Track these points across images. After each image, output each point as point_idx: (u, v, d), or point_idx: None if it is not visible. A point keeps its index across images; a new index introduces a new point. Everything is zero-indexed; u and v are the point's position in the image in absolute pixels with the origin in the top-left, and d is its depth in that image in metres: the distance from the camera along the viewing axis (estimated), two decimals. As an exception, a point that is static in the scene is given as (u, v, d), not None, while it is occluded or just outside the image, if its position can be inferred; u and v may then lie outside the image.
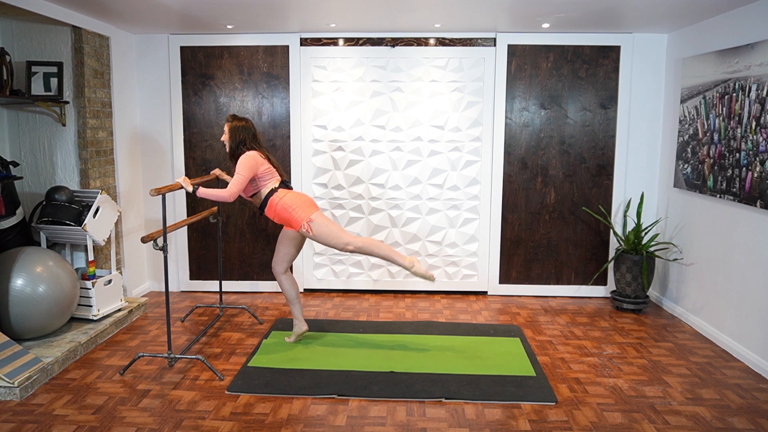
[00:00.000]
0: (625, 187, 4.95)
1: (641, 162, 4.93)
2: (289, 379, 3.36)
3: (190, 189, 3.46)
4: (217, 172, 4.05)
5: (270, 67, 4.93)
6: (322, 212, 3.63)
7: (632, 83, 4.84)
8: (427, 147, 4.95)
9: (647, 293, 4.68)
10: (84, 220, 3.92)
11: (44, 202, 3.99)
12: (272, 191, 3.63)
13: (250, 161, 3.55)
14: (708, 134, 4.14)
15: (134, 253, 4.96)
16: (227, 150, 3.73)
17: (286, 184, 3.71)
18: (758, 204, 3.55)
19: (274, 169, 3.69)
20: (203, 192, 3.45)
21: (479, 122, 4.91)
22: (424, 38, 4.84)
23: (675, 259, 4.60)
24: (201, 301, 4.92)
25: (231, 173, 4.01)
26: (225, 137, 3.71)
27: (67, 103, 4.23)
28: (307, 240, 5.05)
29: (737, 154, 3.77)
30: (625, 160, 4.91)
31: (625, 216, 4.85)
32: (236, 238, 5.13)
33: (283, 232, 3.76)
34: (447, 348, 3.84)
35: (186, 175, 5.04)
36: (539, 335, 4.15)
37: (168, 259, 3.88)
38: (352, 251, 3.56)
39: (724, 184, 3.92)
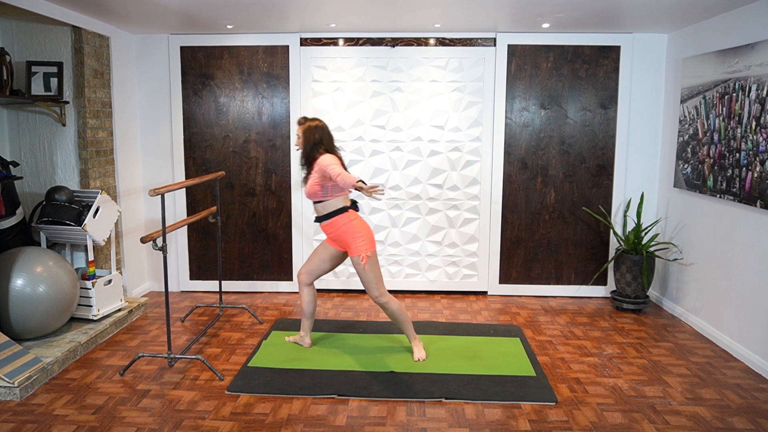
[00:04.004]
0: (625, 187, 4.95)
1: (641, 162, 4.93)
2: (289, 379, 3.36)
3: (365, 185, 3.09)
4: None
5: (270, 67, 4.93)
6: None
7: (632, 83, 4.84)
8: (427, 147, 4.94)
9: (647, 293, 4.68)
10: (84, 220, 3.92)
11: (44, 202, 3.99)
12: (343, 209, 3.45)
13: (334, 160, 3.32)
14: (708, 134, 4.13)
15: (134, 253, 4.96)
16: (302, 153, 3.49)
17: (355, 205, 3.54)
18: (758, 204, 3.55)
19: None
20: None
21: (479, 122, 4.91)
22: (424, 38, 4.84)
23: (675, 259, 4.60)
24: (201, 301, 4.92)
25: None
26: (299, 141, 3.48)
27: (67, 103, 4.23)
28: (310, 239, 5.06)
29: (737, 154, 3.77)
30: (625, 160, 4.91)
31: (625, 216, 4.85)
32: (236, 238, 5.12)
33: (325, 246, 3.63)
34: (447, 348, 3.84)
35: (186, 175, 5.04)
36: (539, 335, 4.15)
37: (168, 259, 3.88)
38: (381, 303, 3.49)
39: (724, 184, 3.92)
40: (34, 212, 4.10)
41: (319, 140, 3.44)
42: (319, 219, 3.53)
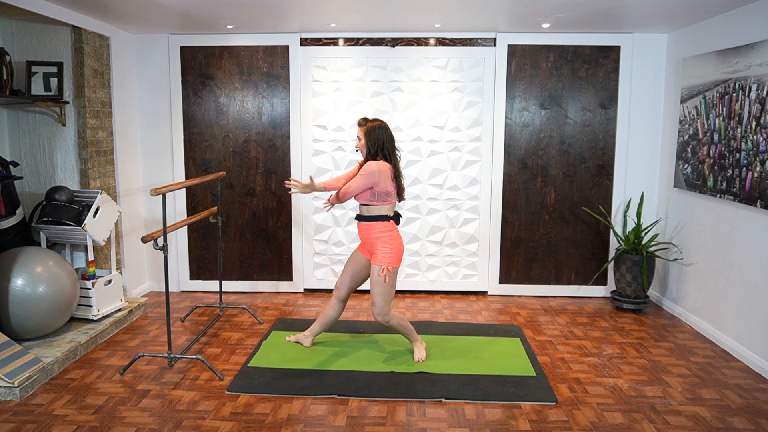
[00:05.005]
0: (625, 187, 4.95)
1: (641, 162, 4.93)
2: (289, 379, 3.36)
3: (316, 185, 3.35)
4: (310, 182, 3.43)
5: (270, 67, 4.93)
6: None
7: (632, 83, 4.84)
8: (427, 147, 4.95)
9: (647, 293, 4.68)
10: (84, 220, 3.92)
11: (44, 202, 3.99)
12: (385, 218, 3.42)
13: (375, 172, 3.29)
14: (708, 134, 4.14)
15: (134, 253, 4.96)
16: (363, 157, 3.42)
17: (398, 218, 3.50)
18: (758, 204, 3.55)
19: (395, 194, 3.44)
20: (322, 186, 3.35)
21: (479, 122, 4.91)
22: (424, 38, 4.84)
23: (675, 259, 4.60)
24: (201, 301, 4.92)
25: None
26: (360, 144, 3.40)
27: (67, 103, 4.23)
28: (310, 239, 5.06)
29: (737, 154, 3.77)
30: (625, 160, 4.91)
31: (625, 216, 4.85)
32: (236, 238, 5.12)
33: (357, 256, 3.60)
34: (447, 348, 3.84)
35: (186, 175, 5.04)
36: (539, 335, 4.15)
37: (168, 259, 3.88)
38: (380, 321, 3.48)
39: (724, 184, 3.92)
40: (34, 212, 4.10)
41: (381, 143, 3.36)
42: (358, 218, 3.49)
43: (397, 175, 3.42)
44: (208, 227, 5.11)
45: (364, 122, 3.42)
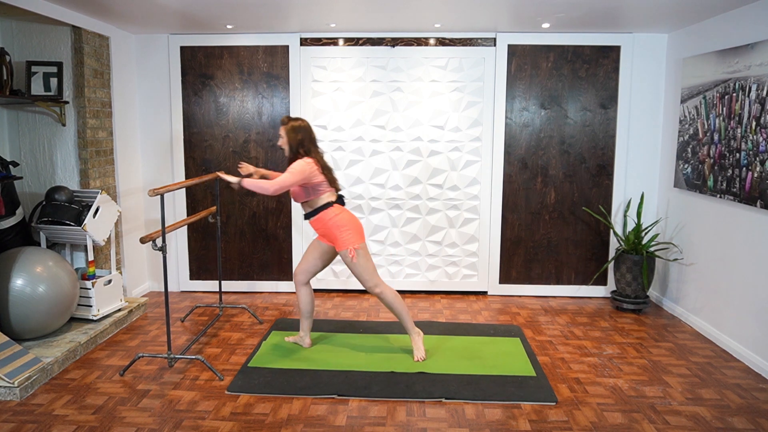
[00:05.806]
0: (625, 187, 4.95)
1: (641, 162, 4.93)
2: (289, 379, 3.36)
3: (234, 180, 3.45)
4: (221, 174, 3.77)
5: (270, 67, 4.93)
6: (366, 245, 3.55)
7: (632, 83, 4.84)
8: (427, 147, 4.95)
9: (647, 293, 4.68)
10: (84, 220, 3.92)
11: (44, 202, 3.99)
12: (328, 204, 3.49)
13: (305, 168, 3.39)
14: (708, 134, 4.14)
15: (134, 253, 4.96)
16: (287, 154, 3.53)
17: (341, 199, 3.58)
18: (758, 204, 3.55)
19: (328, 182, 3.52)
20: (248, 183, 3.40)
21: (479, 122, 4.91)
22: (424, 38, 4.84)
23: (675, 259, 4.60)
24: (201, 301, 4.92)
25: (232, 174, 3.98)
26: (282, 141, 3.51)
27: (67, 103, 4.23)
28: (310, 240, 5.06)
29: (737, 154, 3.77)
30: (625, 160, 4.91)
31: (625, 216, 4.85)
32: (236, 238, 5.12)
33: (317, 243, 3.66)
34: (447, 348, 3.84)
35: (186, 175, 5.04)
36: (539, 335, 4.15)
37: (168, 259, 3.88)
38: (376, 294, 3.53)
39: (724, 184, 3.92)
40: (34, 212, 4.10)
41: (301, 140, 3.48)
42: (306, 216, 3.58)
43: (325, 169, 3.50)
44: (208, 227, 5.11)
45: (287, 120, 3.53)
